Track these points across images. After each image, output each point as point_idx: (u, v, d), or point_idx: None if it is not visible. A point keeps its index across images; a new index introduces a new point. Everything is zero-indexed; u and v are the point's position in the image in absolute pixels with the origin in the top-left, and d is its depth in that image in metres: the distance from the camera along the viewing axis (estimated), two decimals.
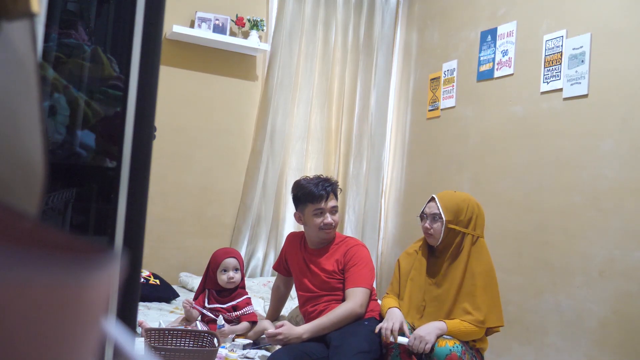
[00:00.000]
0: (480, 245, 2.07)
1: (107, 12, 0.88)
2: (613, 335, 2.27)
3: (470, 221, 2.07)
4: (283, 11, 3.56)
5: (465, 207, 2.07)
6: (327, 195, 2.29)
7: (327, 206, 2.28)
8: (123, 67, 0.69)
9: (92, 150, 0.78)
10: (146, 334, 1.96)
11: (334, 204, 2.31)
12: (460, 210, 2.07)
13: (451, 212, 2.06)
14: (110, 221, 0.66)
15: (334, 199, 2.32)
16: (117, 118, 0.67)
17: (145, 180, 0.67)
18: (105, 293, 0.26)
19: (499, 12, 3.06)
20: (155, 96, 0.68)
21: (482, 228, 2.10)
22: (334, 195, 2.33)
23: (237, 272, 2.36)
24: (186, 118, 3.43)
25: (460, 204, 2.08)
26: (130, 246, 0.66)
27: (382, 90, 3.85)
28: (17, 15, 0.35)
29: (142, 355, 0.32)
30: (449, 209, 2.07)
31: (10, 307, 0.21)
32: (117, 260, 0.26)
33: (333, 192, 2.33)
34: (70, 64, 0.79)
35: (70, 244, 0.27)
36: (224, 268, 2.35)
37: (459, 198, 2.10)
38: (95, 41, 0.83)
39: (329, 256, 2.28)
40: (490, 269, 2.06)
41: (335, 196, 2.33)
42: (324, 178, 2.36)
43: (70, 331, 0.24)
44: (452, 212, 2.06)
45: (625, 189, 2.29)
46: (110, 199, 0.66)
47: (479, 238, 2.07)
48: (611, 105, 2.38)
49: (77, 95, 0.77)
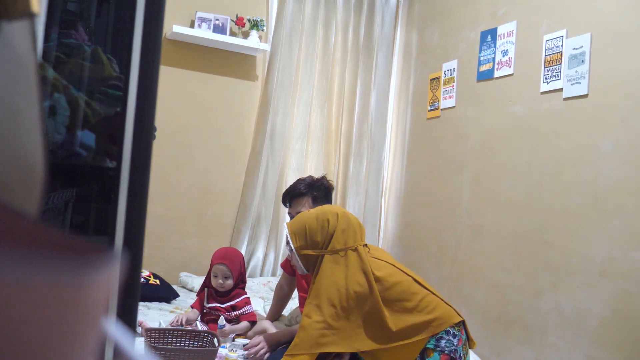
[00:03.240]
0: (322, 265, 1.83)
1: (107, 12, 0.88)
2: (613, 335, 2.27)
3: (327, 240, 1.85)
4: (283, 11, 3.56)
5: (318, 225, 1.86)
6: (287, 203, 2.28)
7: (293, 212, 2.27)
8: (123, 67, 0.69)
9: (92, 150, 0.78)
10: (146, 334, 1.96)
11: (299, 209, 2.25)
12: (311, 231, 1.86)
13: (301, 236, 1.87)
14: (110, 221, 0.66)
15: (303, 204, 2.25)
16: (117, 118, 0.67)
17: (145, 180, 0.67)
18: (105, 293, 0.26)
19: (499, 12, 3.06)
20: (155, 96, 0.68)
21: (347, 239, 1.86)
22: (303, 200, 2.26)
23: (228, 279, 2.34)
24: (186, 118, 3.43)
25: (310, 223, 1.87)
26: (130, 246, 0.66)
27: (382, 90, 3.85)
28: (17, 15, 0.35)
29: (142, 355, 0.32)
30: (297, 234, 1.88)
31: (10, 307, 0.21)
32: (117, 260, 0.26)
33: (297, 196, 2.26)
34: (70, 64, 0.79)
35: (70, 244, 0.27)
36: (215, 273, 2.35)
37: (310, 217, 1.90)
38: (95, 41, 0.83)
39: None
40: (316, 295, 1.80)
41: (302, 201, 2.26)
42: (300, 180, 2.32)
43: (70, 331, 0.24)
44: (301, 237, 1.87)
45: (625, 189, 2.29)
46: (110, 199, 0.66)
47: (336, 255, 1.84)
48: (611, 105, 2.38)
49: (77, 95, 0.77)
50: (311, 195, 2.27)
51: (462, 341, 1.84)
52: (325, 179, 2.39)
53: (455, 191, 3.23)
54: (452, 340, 1.81)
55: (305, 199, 2.27)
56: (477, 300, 2.93)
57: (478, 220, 3.03)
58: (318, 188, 2.30)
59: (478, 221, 3.03)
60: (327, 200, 2.31)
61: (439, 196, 3.37)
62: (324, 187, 2.33)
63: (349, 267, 1.82)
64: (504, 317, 2.79)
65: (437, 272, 3.29)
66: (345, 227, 1.87)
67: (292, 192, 2.29)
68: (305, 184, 2.30)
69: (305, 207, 2.24)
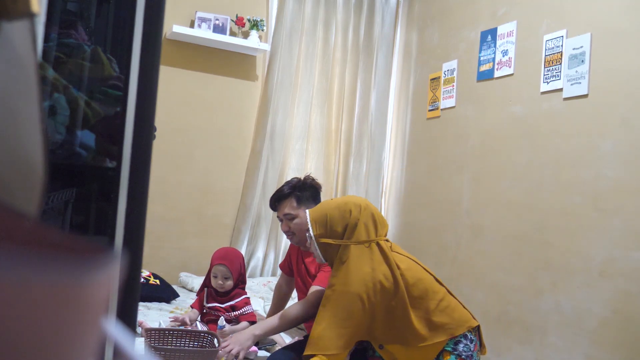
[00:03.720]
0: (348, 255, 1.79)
1: (107, 12, 0.88)
2: (613, 335, 2.27)
3: (348, 230, 1.82)
4: (283, 11, 3.56)
5: (339, 214, 1.83)
6: (274, 206, 2.25)
7: (280, 214, 2.24)
8: (123, 67, 0.69)
9: (92, 150, 0.78)
10: (146, 334, 1.96)
11: (284, 212, 2.21)
12: (332, 220, 1.83)
13: (321, 224, 1.84)
14: (110, 221, 0.66)
15: (287, 206, 2.21)
16: (117, 118, 0.67)
17: (145, 180, 0.67)
18: (105, 293, 0.26)
19: (499, 12, 3.06)
20: (155, 96, 0.68)
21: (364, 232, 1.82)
22: (287, 201, 2.21)
23: (228, 280, 2.33)
24: (186, 118, 3.43)
25: (331, 212, 1.84)
26: (130, 246, 0.66)
27: (382, 90, 3.85)
28: (17, 15, 0.35)
29: (142, 355, 0.32)
30: (318, 222, 1.84)
31: (11, 307, 0.21)
32: (117, 260, 0.26)
33: (281, 198, 2.22)
34: (70, 64, 0.79)
35: (70, 244, 0.27)
36: (214, 274, 2.35)
37: (331, 206, 1.87)
38: (95, 41, 0.83)
39: (313, 259, 2.24)
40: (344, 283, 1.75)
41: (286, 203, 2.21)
42: (286, 182, 2.29)
43: (70, 331, 0.24)
44: (322, 225, 1.83)
45: (625, 189, 2.29)
46: (110, 199, 0.66)
47: (350, 246, 1.80)
48: (611, 105, 2.38)
49: (77, 95, 0.77)
50: (295, 196, 2.21)
51: (477, 347, 1.81)
52: (310, 177, 2.31)
53: (455, 191, 3.23)
54: (469, 345, 1.78)
55: (289, 200, 2.21)
56: (477, 300, 2.93)
57: (478, 220, 3.03)
58: (301, 188, 2.23)
59: (478, 221, 3.03)
60: (314, 200, 2.24)
61: (439, 196, 3.37)
62: (307, 186, 2.26)
63: (374, 261, 1.78)
64: (504, 317, 2.79)
65: (437, 272, 3.27)
66: (368, 219, 1.83)
67: (276, 195, 2.25)
68: (289, 186, 2.25)
69: (289, 209, 2.20)
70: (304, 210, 2.16)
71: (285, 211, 2.20)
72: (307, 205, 2.20)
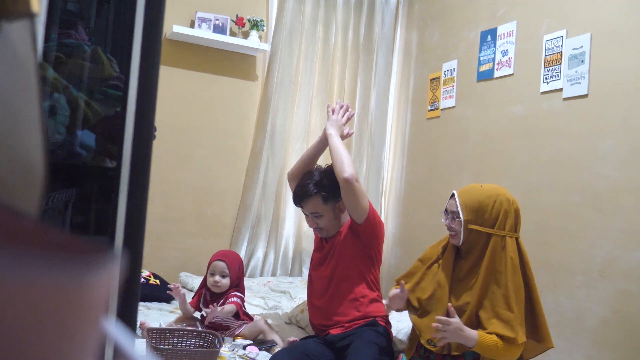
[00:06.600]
0: (508, 247, 1.81)
1: (107, 12, 0.88)
2: (613, 335, 2.27)
3: (498, 220, 1.82)
4: (283, 11, 3.56)
5: (491, 203, 1.82)
6: (299, 204, 2.22)
7: (306, 211, 2.21)
8: (123, 67, 0.69)
9: (92, 150, 0.78)
10: (147, 334, 1.96)
11: (311, 210, 2.18)
12: (483, 207, 1.82)
13: (472, 210, 1.84)
14: (110, 221, 0.66)
15: (314, 204, 2.17)
16: (117, 118, 0.67)
17: (145, 180, 0.67)
18: (105, 293, 0.26)
19: (499, 12, 3.06)
20: (155, 96, 0.68)
21: (514, 226, 1.85)
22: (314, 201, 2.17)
23: (225, 277, 2.33)
24: (186, 118, 3.43)
25: (484, 200, 1.83)
26: (130, 246, 0.66)
27: (382, 90, 3.85)
28: (17, 15, 0.35)
29: (143, 355, 0.32)
30: (469, 207, 1.84)
31: (11, 307, 0.21)
32: (117, 260, 0.26)
33: (307, 197, 2.17)
34: (70, 64, 0.79)
35: (70, 244, 0.27)
36: (212, 271, 2.35)
37: (484, 194, 1.85)
38: (95, 41, 0.83)
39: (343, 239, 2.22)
40: (514, 274, 1.79)
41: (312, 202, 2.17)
42: (308, 176, 2.22)
43: (70, 331, 0.24)
44: (472, 211, 1.84)
45: (625, 189, 2.29)
46: (110, 199, 0.66)
47: (505, 238, 1.82)
48: (611, 105, 2.38)
49: (77, 95, 0.77)
50: (321, 196, 2.17)
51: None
52: (328, 171, 2.23)
53: None
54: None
55: (315, 199, 2.17)
56: None
57: None
58: (325, 187, 2.19)
59: None
60: (338, 197, 2.17)
61: (439, 196, 3.37)
62: (329, 183, 2.19)
63: (521, 256, 1.84)
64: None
65: None
66: (514, 214, 1.85)
67: (301, 193, 2.20)
68: (313, 183, 2.19)
69: (316, 208, 2.16)
70: (330, 207, 2.18)
71: (312, 210, 2.19)
72: (332, 202, 2.19)
